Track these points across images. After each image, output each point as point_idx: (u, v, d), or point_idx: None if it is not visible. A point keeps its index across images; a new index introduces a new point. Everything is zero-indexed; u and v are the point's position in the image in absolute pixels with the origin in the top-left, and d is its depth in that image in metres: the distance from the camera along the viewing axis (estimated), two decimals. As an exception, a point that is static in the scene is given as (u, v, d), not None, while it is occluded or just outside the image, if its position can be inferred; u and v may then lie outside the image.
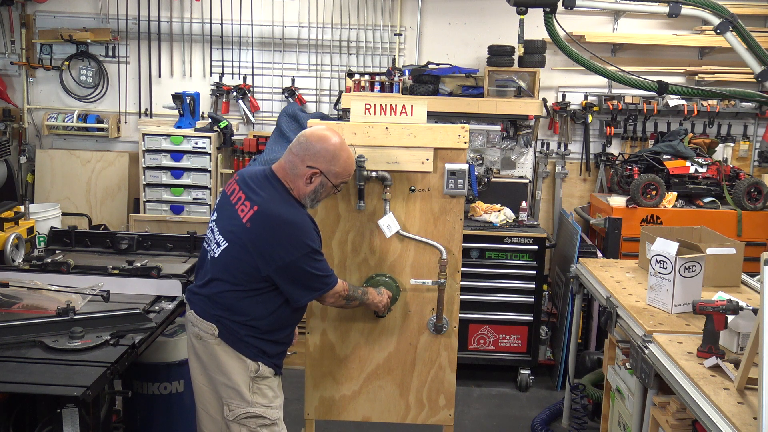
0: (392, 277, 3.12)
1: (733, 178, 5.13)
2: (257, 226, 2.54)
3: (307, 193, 2.64)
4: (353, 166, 2.75)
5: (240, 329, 2.61)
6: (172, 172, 5.22)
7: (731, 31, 3.39)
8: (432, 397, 3.26)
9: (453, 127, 3.07)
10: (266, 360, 2.67)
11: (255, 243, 2.54)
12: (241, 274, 2.58)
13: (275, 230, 2.55)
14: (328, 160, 2.61)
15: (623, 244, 4.74)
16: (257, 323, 2.62)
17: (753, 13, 5.44)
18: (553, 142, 5.74)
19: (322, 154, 2.60)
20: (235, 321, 2.61)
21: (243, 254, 2.56)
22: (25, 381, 2.28)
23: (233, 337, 2.61)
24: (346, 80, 5.34)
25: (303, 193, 2.64)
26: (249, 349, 2.62)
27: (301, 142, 2.64)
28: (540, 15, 3.49)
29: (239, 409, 2.61)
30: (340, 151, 2.63)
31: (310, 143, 2.62)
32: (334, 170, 2.63)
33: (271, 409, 2.67)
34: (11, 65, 5.70)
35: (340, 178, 2.67)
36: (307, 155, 2.61)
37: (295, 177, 2.63)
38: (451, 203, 3.11)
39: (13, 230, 3.53)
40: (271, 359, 2.70)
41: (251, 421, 2.62)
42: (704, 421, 2.22)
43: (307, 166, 2.60)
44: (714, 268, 3.37)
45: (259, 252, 2.55)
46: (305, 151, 2.61)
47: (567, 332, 4.59)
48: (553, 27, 3.46)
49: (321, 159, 2.61)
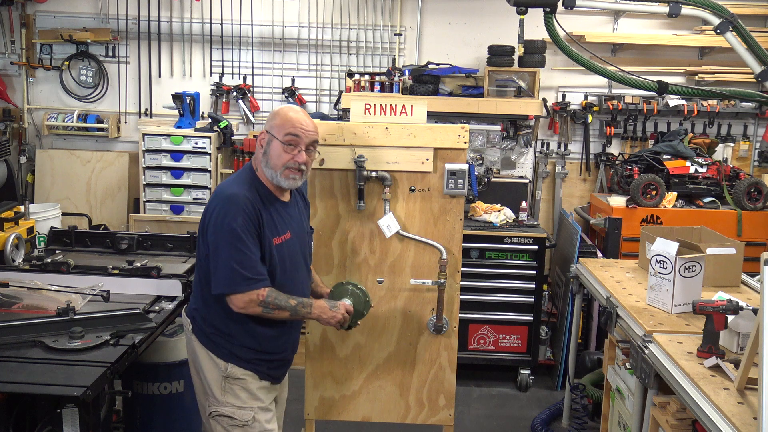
0: (363, 290, 2.89)
1: (733, 178, 5.13)
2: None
3: (260, 158, 2.57)
4: (295, 118, 2.55)
5: (205, 326, 2.58)
6: (172, 172, 5.22)
7: (731, 31, 3.39)
8: (432, 397, 3.27)
9: (453, 127, 3.07)
10: (241, 363, 2.57)
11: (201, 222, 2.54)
12: (199, 263, 2.58)
13: (211, 203, 2.52)
14: (271, 118, 2.58)
15: (623, 244, 4.74)
16: (218, 324, 2.55)
17: (753, 13, 5.44)
18: (553, 142, 5.74)
19: (271, 117, 2.59)
20: (203, 318, 2.59)
21: (199, 239, 2.56)
22: (25, 381, 2.28)
23: (202, 334, 2.59)
24: (346, 80, 5.34)
25: (258, 159, 2.57)
26: (219, 349, 2.57)
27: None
28: (540, 15, 3.49)
29: (212, 406, 2.58)
30: (282, 109, 2.60)
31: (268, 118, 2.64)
32: (274, 123, 2.55)
33: (242, 410, 2.56)
34: (11, 65, 5.70)
35: (282, 129, 2.53)
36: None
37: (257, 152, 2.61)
38: (451, 203, 3.11)
39: (13, 230, 3.53)
40: (250, 363, 2.58)
41: (222, 419, 2.57)
42: (704, 421, 2.22)
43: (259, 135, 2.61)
44: (714, 268, 3.37)
45: (201, 231, 2.53)
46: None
47: (567, 332, 4.58)
48: (553, 27, 3.46)
49: (268, 122, 2.59)
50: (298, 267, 2.66)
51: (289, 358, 2.78)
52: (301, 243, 2.68)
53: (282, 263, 2.55)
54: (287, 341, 2.70)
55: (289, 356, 2.77)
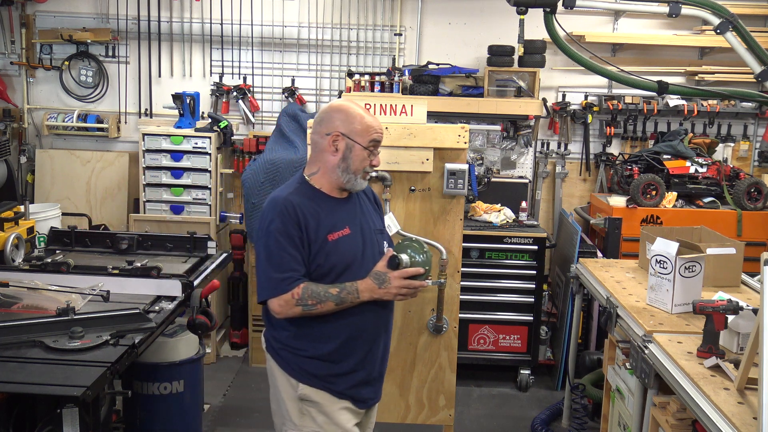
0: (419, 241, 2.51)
1: (733, 178, 5.13)
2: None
3: (336, 163, 2.42)
4: (376, 123, 2.47)
5: (274, 342, 2.47)
6: (172, 172, 5.22)
7: (731, 31, 3.39)
8: (432, 397, 3.27)
9: (453, 127, 3.08)
10: (313, 381, 2.42)
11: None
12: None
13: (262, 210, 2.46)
14: (344, 120, 2.42)
15: (623, 244, 4.74)
16: (284, 337, 2.44)
17: (753, 13, 5.43)
18: (553, 142, 5.74)
19: (337, 117, 2.43)
20: (272, 334, 2.49)
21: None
22: (25, 381, 2.28)
23: (273, 352, 2.49)
24: (346, 80, 5.33)
25: (333, 165, 2.43)
26: (289, 365, 2.44)
27: (315, 121, 2.50)
28: (540, 15, 3.49)
29: (289, 430, 2.47)
30: (354, 110, 2.45)
31: (323, 116, 2.47)
32: (355, 128, 2.42)
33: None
34: (11, 65, 5.70)
35: (365, 136, 2.43)
36: (323, 128, 2.45)
37: (319, 155, 2.46)
38: (451, 203, 3.11)
39: (13, 230, 3.52)
40: (322, 381, 2.42)
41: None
42: (704, 421, 2.22)
43: (326, 135, 2.43)
44: (714, 268, 3.37)
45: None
46: (321, 124, 2.46)
47: (567, 332, 4.58)
48: (553, 27, 3.46)
49: (338, 123, 2.42)
50: (362, 261, 2.46)
51: (373, 374, 2.54)
52: (364, 238, 2.49)
53: (341, 258, 2.40)
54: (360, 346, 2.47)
55: (373, 371, 2.54)
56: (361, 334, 2.45)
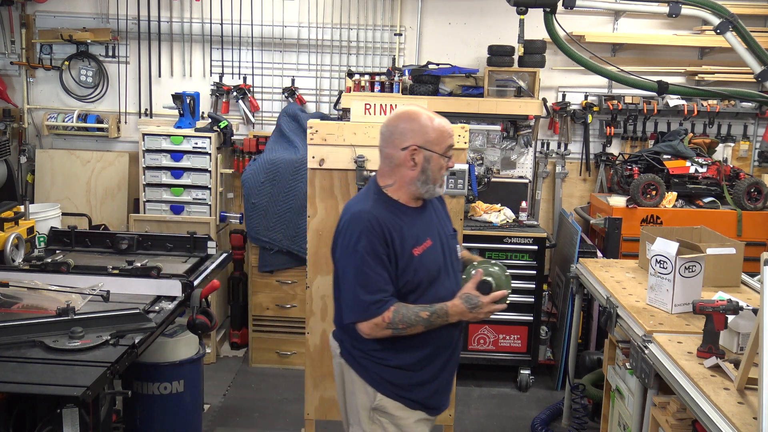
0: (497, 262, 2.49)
1: (733, 178, 5.13)
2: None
3: (416, 176, 2.38)
4: (447, 127, 2.41)
5: (353, 349, 2.45)
6: (172, 172, 5.22)
7: (731, 31, 3.39)
8: (432, 397, 3.26)
9: (453, 127, 3.07)
10: (392, 392, 2.40)
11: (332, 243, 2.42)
12: (335, 282, 2.46)
13: (340, 220, 2.41)
14: (417, 130, 2.37)
15: (623, 244, 4.74)
16: (367, 346, 2.41)
17: (753, 13, 5.43)
18: (553, 142, 5.74)
19: (408, 129, 2.38)
20: (351, 341, 2.45)
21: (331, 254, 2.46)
22: (25, 381, 2.28)
23: (350, 357, 2.47)
24: (346, 80, 5.34)
25: (412, 178, 2.39)
26: (368, 373, 2.42)
27: (384, 134, 2.43)
28: (540, 15, 3.49)
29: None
30: (423, 119, 2.38)
31: (392, 129, 2.41)
32: (430, 138, 2.37)
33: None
34: (11, 65, 5.70)
35: (441, 143, 2.38)
36: (395, 141, 2.38)
37: (395, 169, 2.40)
38: (451, 203, 3.11)
39: (13, 230, 3.53)
40: (402, 391, 2.41)
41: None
42: (704, 421, 2.22)
43: (401, 149, 2.37)
44: (714, 268, 3.37)
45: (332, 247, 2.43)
46: (391, 138, 2.40)
47: (567, 332, 4.58)
48: (553, 27, 3.47)
49: (410, 135, 2.37)
50: (446, 271, 2.48)
51: (446, 383, 2.58)
52: (444, 247, 2.50)
53: (428, 272, 2.40)
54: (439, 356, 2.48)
55: (446, 380, 2.58)
56: (442, 345, 2.47)
